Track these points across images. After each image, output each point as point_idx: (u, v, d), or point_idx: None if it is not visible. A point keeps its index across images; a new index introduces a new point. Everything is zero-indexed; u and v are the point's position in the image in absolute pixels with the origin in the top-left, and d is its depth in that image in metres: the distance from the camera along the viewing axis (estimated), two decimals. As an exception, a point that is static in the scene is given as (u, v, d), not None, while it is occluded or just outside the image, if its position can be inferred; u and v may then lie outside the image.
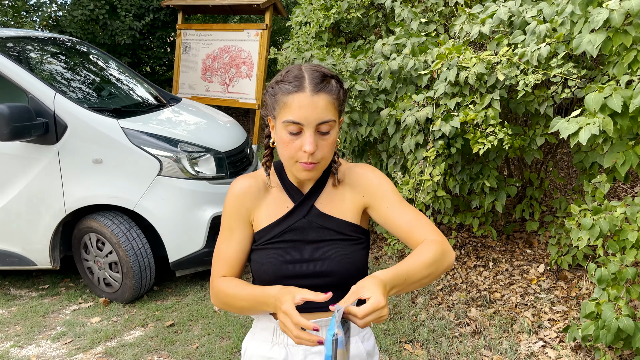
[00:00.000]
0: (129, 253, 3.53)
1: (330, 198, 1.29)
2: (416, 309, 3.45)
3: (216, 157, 3.79)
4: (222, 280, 1.25)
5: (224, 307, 1.25)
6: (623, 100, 2.31)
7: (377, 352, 1.42)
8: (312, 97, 1.12)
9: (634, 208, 2.53)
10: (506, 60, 3.07)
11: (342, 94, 1.19)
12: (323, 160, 1.18)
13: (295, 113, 1.13)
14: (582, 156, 3.16)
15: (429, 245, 1.17)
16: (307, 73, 1.15)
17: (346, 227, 1.26)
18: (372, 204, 1.27)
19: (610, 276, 2.51)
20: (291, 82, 1.14)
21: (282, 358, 1.28)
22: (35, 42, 4.26)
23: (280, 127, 1.16)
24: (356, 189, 1.29)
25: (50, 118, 3.46)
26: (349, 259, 1.24)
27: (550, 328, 3.15)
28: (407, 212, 1.24)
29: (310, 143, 1.13)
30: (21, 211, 3.59)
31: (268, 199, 1.29)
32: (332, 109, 1.15)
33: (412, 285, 1.12)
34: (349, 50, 4.48)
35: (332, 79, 1.17)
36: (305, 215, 1.26)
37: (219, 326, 3.35)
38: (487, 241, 4.26)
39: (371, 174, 1.29)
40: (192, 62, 7.44)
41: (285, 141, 1.16)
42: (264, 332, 1.31)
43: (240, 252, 1.28)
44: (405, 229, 1.23)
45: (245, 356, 1.36)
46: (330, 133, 1.17)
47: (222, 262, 1.28)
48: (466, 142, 3.41)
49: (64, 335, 3.31)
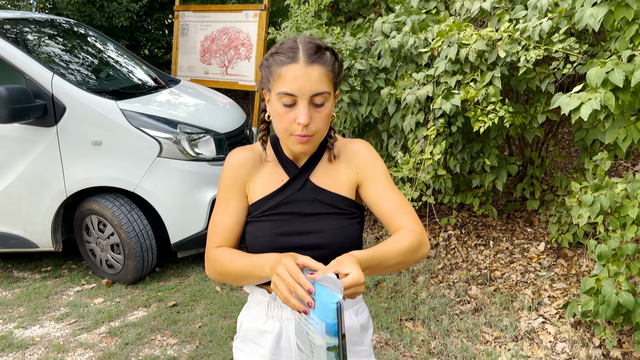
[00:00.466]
0: (130, 235, 3.54)
1: (325, 172, 1.28)
2: (417, 287, 3.47)
3: (216, 138, 3.78)
4: (218, 249, 1.25)
5: (219, 277, 1.24)
6: (625, 74, 2.29)
7: (372, 326, 1.42)
8: (306, 68, 1.12)
9: (634, 184, 2.52)
10: (507, 36, 3.04)
11: (337, 66, 1.18)
12: (317, 133, 1.18)
13: (289, 84, 1.12)
14: (583, 134, 3.14)
15: (407, 233, 1.19)
16: (301, 44, 1.14)
17: (341, 201, 1.26)
18: (363, 183, 1.28)
19: (611, 252, 2.52)
20: (285, 53, 1.13)
21: (276, 331, 1.29)
22: (32, 24, 4.22)
23: (274, 99, 1.16)
24: (351, 165, 1.29)
25: (48, 100, 3.44)
26: (343, 232, 1.24)
27: (550, 305, 3.17)
28: (394, 197, 1.26)
29: (304, 115, 1.12)
30: (22, 194, 3.59)
31: (263, 171, 1.29)
32: (326, 80, 1.14)
33: (384, 270, 1.15)
34: (348, 29, 4.44)
35: (327, 51, 1.16)
36: (300, 189, 1.26)
37: (221, 306, 3.37)
38: (488, 220, 4.27)
39: (366, 152, 1.29)
40: (190, 44, 7.38)
41: (280, 113, 1.15)
42: (258, 307, 1.32)
43: (235, 224, 1.28)
44: (389, 214, 1.25)
45: (241, 330, 1.37)
46: (324, 105, 1.16)
47: (217, 232, 1.27)
48: (467, 121, 3.39)
49: (68, 316, 3.34)
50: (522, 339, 2.91)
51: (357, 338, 1.34)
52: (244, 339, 1.36)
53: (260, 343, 1.32)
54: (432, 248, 3.97)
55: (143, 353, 2.94)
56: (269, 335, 1.30)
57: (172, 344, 3.02)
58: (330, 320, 0.95)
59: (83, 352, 2.96)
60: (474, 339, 2.93)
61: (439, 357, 2.80)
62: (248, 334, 1.34)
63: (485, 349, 2.84)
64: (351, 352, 1.33)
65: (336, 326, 0.95)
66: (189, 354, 2.91)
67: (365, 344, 1.36)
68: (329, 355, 0.99)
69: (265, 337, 1.30)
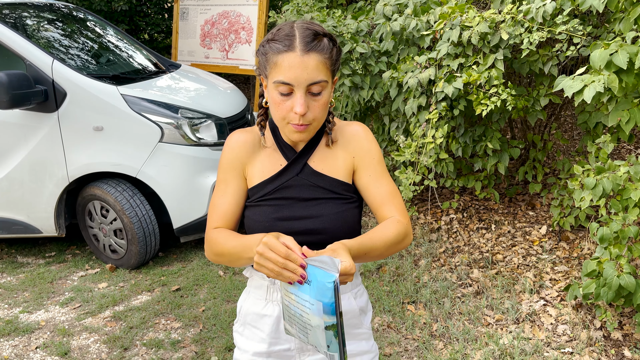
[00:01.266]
0: (133, 220, 3.55)
1: (323, 156, 1.28)
2: (419, 270, 3.48)
3: (217, 123, 3.77)
4: (215, 230, 1.25)
5: (216, 258, 1.23)
6: (629, 56, 2.27)
7: (371, 309, 1.43)
8: (303, 57, 1.10)
9: (637, 167, 2.52)
10: (510, 18, 3.01)
11: (336, 52, 1.16)
12: (315, 122, 1.17)
13: (285, 73, 1.10)
14: (586, 116, 3.13)
15: (395, 224, 1.20)
16: (298, 31, 1.12)
17: (339, 185, 1.26)
18: (358, 168, 1.28)
19: (612, 235, 2.52)
20: (281, 40, 1.11)
21: (275, 315, 1.30)
22: (31, 8, 4.19)
23: (271, 87, 1.15)
24: (348, 149, 1.28)
25: (49, 85, 3.43)
26: (342, 217, 1.24)
27: (552, 287, 3.18)
28: (385, 186, 1.27)
29: (300, 104, 1.11)
30: (24, 179, 3.60)
31: (262, 155, 1.29)
32: (323, 69, 1.12)
33: (369, 259, 1.17)
34: (349, 12, 4.40)
35: (325, 37, 1.14)
36: (298, 173, 1.26)
37: (224, 290, 3.39)
38: (490, 204, 4.27)
39: (363, 136, 1.29)
40: (190, 28, 7.33)
41: (277, 102, 1.14)
42: (258, 291, 1.33)
43: (235, 205, 1.28)
44: (378, 201, 1.26)
45: (241, 314, 1.38)
46: (322, 94, 1.14)
47: (216, 214, 1.27)
48: (469, 104, 3.38)
49: (72, 300, 3.37)
50: (524, 321, 2.93)
51: (356, 321, 1.34)
52: (244, 323, 1.37)
53: (260, 327, 1.33)
54: (434, 232, 3.99)
55: (147, 337, 2.97)
56: (269, 318, 1.31)
57: (176, 327, 3.05)
58: (327, 300, 0.95)
59: (88, 335, 2.99)
60: (476, 322, 2.95)
61: (440, 340, 2.82)
62: (248, 318, 1.35)
63: (487, 331, 2.86)
64: (350, 334, 1.34)
65: (334, 305, 0.95)
66: (192, 338, 2.93)
67: (365, 326, 1.37)
68: (327, 334, 0.99)
69: (265, 321, 1.31)
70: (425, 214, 4.25)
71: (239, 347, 1.39)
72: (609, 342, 2.71)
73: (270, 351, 1.32)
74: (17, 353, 2.86)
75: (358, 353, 1.35)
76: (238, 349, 1.40)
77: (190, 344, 2.89)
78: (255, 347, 1.34)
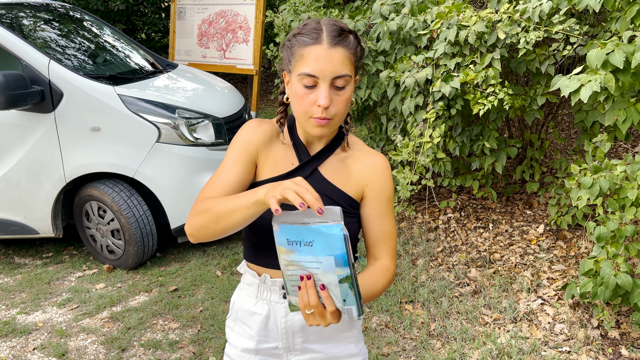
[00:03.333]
0: (130, 220, 3.55)
1: (336, 167, 1.28)
2: (416, 270, 3.49)
3: (214, 123, 3.76)
4: (208, 197, 1.17)
5: (199, 219, 1.13)
6: (625, 56, 2.28)
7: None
8: (329, 49, 1.11)
9: (634, 166, 2.52)
10: (507, 17, 3.01)
11: (360, 50, 1.17)
12: (337, 117, 1.16)
13: (311, 65, 1.11)
14: (583, 115, 3.13)
15: (384, 275, 1.22)
16: (325, 26, 1.14)
17: (345, 199, 1.26)
18: (366, 197, 1.28)
19: (610, 234, 2.53)
20: (308, 34, 1.13)
21: (264, 314, 1.31)
22: (27, 8, 4.18)
23: (295, 80, 1.15)
24: (363, 175, 1.28)
25: (45, 86, 3.42)
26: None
27: (549, 286, 3.19)
28: (386, 225, 1.28)
29: (325, 97, 1.11)
30: (21, 180, 3.59)
31: (276, 150, 1.27)
32: (348, 63, 1.13)
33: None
34: (346, 11, 4.40)
35: (350, 34, 1.16)
36: (307, 177, 1.25)
37: (222, 290, 3.39)
38: (487, 203, 4.28)
39: (382, 171, 1.28)
40: (187, 27, 7.31)
41: (300, 95, 1.14)
42: (249, 288, 1.34)
43: (237, 184, 1.22)
44: (374, 238, 1.27)
45: (233, 309, 1.40)
46: (345, 89, 1.15)
47: (214, 186, 1.20)
48: (466, 103, 3.38)
49: (70, 301, 3.36)
50: (521, 320, 2.93)
51: (346, 325, 1.34)
52: (235, 319, 1.38)
53: (249, 324, 1.34)
54: (432, 231, 3.99)
55: (145, 337, 2.96)
56: (258, 316, 1.32)
57: (173, 328, 3.05)
58: (339, 251, 0.93)
59: (86, 336, 2.99)
60: (473, 321, 2.95)
61: (438, 339, 2.83)
62: (239, 314, 1.36)
63: (485, 330, 2.86)
64: (339, 337, 1.34)
65: (346, 254, 0.93)
66: (190, 338, 2.93)
67: (355, 329, 1.37)
68: (341, 288, 0.97)
69: (254, 319, 1.33)
70: (422, 213, 4.25)
71: (230, 342, 1.41)
72: (606, 340, 2.72)
73: (258, 348, 1.34)
74: (14, 354, 2.85)
75: (346, 356, 1.35)
76: (229, 343, 1.42)
77: (188, 344, 2.89)
78: (244, 343, 1.36)
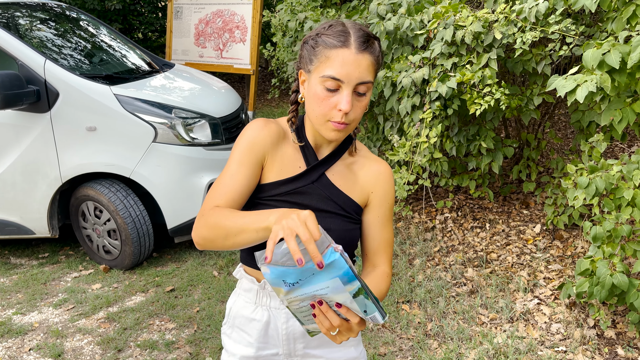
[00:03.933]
0: (126, 220, 3.54)
1: (343, 173, 1.27)
2: (413, 270, 3.49)
3: (211, 123, 3.76)
4: (217, 207, 1.12)
5: (207, 231, 1.09)
6: (621, 56, 2.28)
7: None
8: (357, 55, 1.09)
9: (630, 166, 2.53)
10: (503, 18, 3.02)
11: (381, 57, 1.17)
12: (353, 122, 1.15)
13: (337, 69, 1.09)
14: (579, 115, 3.14)
15: (385, 281, 1.23)
16: (352, 30, 1.11)
17: (351, 205, 1.25)
18: (370, 204, 1.28)
19: (606, 234, 2.53)
20: (336, 36, 1.10)
21: (264, 320, 1.29)
22: (23, 8, 4.16)
23: (316, 81, 1.12)
24: (369, 181, 1.28)
25: (41, 85, 3.41)
26: (348, 235, 1.24)
27: (546, 286, 3.19)
28: (386, 233, 1.29)
29: (347, 102, 1.09)
30: (17, 180, 3.58)
31: (283, 151, 1.24)
32: (372, 70, 1.13)
33: None
34: (343, 11, 4.39)
35: (375, 41, 1.15)
36: (314, 181, 1.23)
37: (219, 290, 3.39)
38: (484, 203, 4.28)
39: (387, 179, 1.29)
40: (184, 27, 7.30)
41: (320, 97, 1.12)
42: (247, 294, 1.31)
43: (245, 188, 1.17)
44: (374, 245, 1.28)
45: (230, 316, 1.36)
46: (365, 95, 1.14)
47: (221, 192, 1.16)
48: (463, 103, 3.38)
49: (66, 301, 3.35)
50: (518, 320, 2.94)
51: None
52: (232, 326, 1.35)
53: (248, 331, 1.31)
54: (429, 231, 3.99)
55: (141, 338, 2.96)
56: (257, 323, 1.29)
57: (170, 328, 3.04)
58: (343, 270, 0.92)
59: (82, 337, 2.98)
60: (470, 321, 2.96)
61: (435, 339, 2.83)
62: (236, 320, 1.33)
63: (481, 330, 2.86)
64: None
65: (349, 270, 0.92)
66: (187, 339, 2.93)
67: None
68: (357, 301, 0.96)
69: (254, 325, 1.30)
70: (419, 213, 4.25)
71: (227, 350, 1.38)
72: (602, 340, 2.73)
73: (257, 355, 1.32)
74: (10, 355, 2.84)
75: None
76: (226, 351, 1.38)
77: (184, 344, 2.88)
78: (242, 350, 1.33)
